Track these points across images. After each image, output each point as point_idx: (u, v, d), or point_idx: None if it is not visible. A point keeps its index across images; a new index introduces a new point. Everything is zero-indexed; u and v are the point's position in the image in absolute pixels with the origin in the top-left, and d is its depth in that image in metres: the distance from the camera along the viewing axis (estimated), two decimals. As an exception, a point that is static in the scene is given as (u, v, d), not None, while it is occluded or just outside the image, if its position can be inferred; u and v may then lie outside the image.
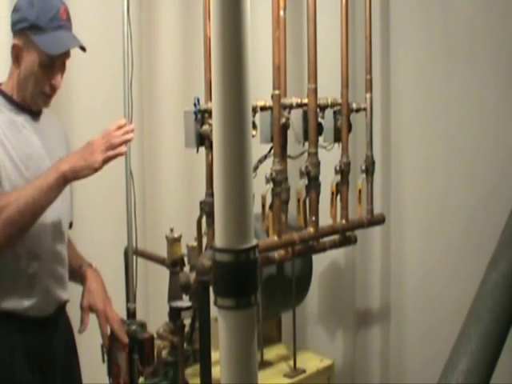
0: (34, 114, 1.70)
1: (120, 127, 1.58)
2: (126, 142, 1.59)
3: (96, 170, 1.56)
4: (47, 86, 1.64)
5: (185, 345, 1.87)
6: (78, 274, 1.79)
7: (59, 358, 1.74)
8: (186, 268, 1.92)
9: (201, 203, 1.99)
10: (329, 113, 2.13)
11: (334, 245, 2.19)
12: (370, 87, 2.28)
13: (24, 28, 1.60)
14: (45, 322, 1.68)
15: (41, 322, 1.67)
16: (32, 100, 1.66)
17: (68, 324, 1.83)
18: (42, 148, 1.68)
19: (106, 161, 1.56)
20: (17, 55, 1.62)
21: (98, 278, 1.79)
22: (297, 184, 2.03)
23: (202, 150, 1.99)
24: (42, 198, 1.53)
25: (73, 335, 1.83)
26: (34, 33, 1.59)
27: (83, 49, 1.68)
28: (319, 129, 2.08)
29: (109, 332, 1.73)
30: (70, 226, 1.84)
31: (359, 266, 2.75)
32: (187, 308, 1.79)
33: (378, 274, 2.73)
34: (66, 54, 1.66)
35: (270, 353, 2.24)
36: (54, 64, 1.63)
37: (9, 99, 1.65)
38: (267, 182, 1.94)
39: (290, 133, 2.03)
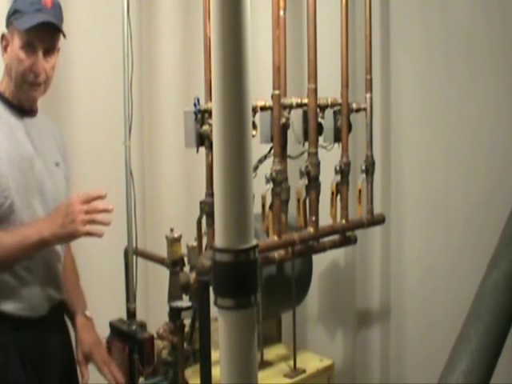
0: (27, 115, 1.69)
1: (100, 197, 1.58)
2: (104, 224, 1.59)
3: (76, 238, 1.60)
4: (30, 72, 1.62)
5: (185, 345, 1.87)
6: (71, 320, 1.82)
7: (54, 358, 1.73)
8: (186, 268, 1.92)
9: (201, 203, 1.99)
10: (329, 113, 2.13)
11: (334, 245, 2.19)
12: (370, 87, 2.27)
13: (10, 16, 1.63)
14: (38, 322, 1.68)
15: (34, 321, 1.67)
16: (16, 89, 1.64)
17: (63, 324, 1.82)
18: (34, 149, 1.67)
19: (87, 234, 1.57)
20: (5, 45, 1.64)
21: (89, 326, 1.80)
22: (297, 184, 2.03)
23: (202, 149, 1.99)
24: (20, 254, 1.57)
25: (69, 334, 1.83)
26: (16, 18, 1.61)
27: (63, 34, 1.66)
28: (319, 129, 2.08)
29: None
30: None
31: (359, 266, 2.75)
32: (187, 308, 1.79)
33: (378, 274, 2.73)
34: (47, 38, 1.63)
35: (270, 353, 2.23)
36: (35, 48, 1.61)
37: (2, 98, 1.65)
38: (267, 182, 1.94)
39: (290, 133, 2.02)
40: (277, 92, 1.92)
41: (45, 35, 1.63)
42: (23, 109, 1.68)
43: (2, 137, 1.60)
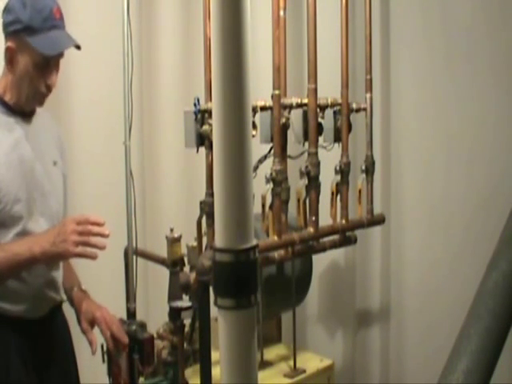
0: (26, 116, 1.68)
1: (98, 224, 1.53)
2: (99, 248, 1.53)
3: (67, 258, 1.59)
4: (43, 86, 1.62)
5: (185, 345, 1.87)
6: (69, 298, 1.79)
7: (55, 359, 1.73)
8: (186, 268, 1.92)
9: (201, 203, 1.99)
10: (329, 113, 2.13)
11: (334, 245, 2.19)
12: (370, 87, 2.28)
13: (17, 30, 1.57)
14: (38, 323, 1.68)
15: (34, 323, 1.66)
16: (27, 100, 1.63)
17: (64, 324, 1.82)
18: (32, 151, 1.66)
19: (78, 256, 1.54)
20: (11, 58, 1.59)
21: (87, 297, 1.77)
22: (297, 184, 2.03)
23: (202, 150, 1.99)
24: (10, 271, 1.56)
25: (70, 335, 1.82)
26: (28, 34, 1.56)
27: (78, 47, 1.65)
28: (319, 129, 2.08)
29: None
30: None
31: (359, 266, 2.75)
32: (187, 308, 1.79)
33: (378, 274, 2.73)
34: (61, 54, 1.64)
35: (270, 353, 2.24)
36: (48, 64, 1.61)
37: (0, 101, 1.63)
38: (267, 181, 1.94)
39: (290, 133, 2.03)
40: (277, 92, 1.92)
41: (61, 54, 1.64)
42: (23, 111, 1.67)
43: (3, 139, 1.59)
